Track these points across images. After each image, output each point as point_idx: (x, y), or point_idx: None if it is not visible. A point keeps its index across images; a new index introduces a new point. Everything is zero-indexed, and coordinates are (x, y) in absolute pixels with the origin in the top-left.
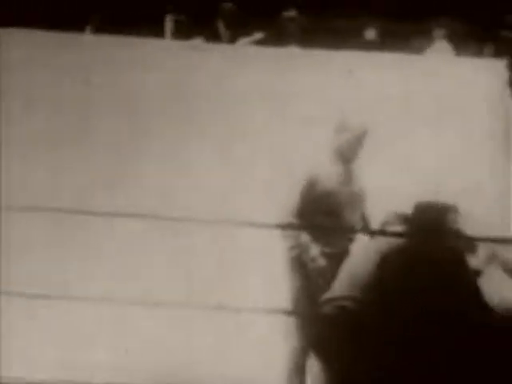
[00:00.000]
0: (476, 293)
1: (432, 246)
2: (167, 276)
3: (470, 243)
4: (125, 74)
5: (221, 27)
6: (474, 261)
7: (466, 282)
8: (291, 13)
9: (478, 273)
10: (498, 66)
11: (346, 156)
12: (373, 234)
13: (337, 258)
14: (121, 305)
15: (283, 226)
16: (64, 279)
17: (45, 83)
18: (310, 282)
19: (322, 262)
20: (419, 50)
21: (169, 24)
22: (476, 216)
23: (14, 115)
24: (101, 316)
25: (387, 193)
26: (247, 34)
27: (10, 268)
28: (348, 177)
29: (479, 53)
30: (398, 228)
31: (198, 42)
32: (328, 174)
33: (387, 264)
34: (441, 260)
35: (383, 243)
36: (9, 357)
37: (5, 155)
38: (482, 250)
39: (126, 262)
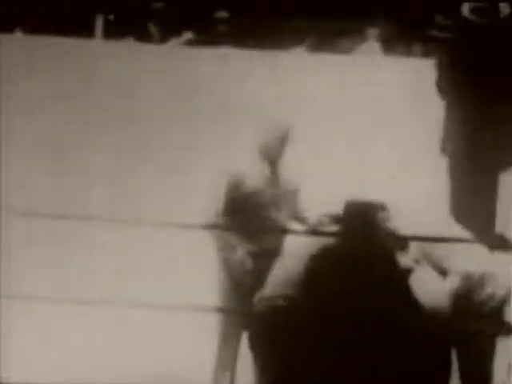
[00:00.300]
0: (406, 291)
1: (363, 244)
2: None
3: (401, 242)
4: (55, 74)
5: (151, 27)
6: (405, 259)
7: (397, 281)
8: (222, 13)
9: (409, 271)
10: (427, 65)
11: (271, 156)
12: (303, 233)
13: (266, 258)
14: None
15: (210, 226)
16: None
17: None
18: (240, 281)
19: (249, 263)
20: (349, 50)
21: (99, 24)
22: (407, 214)
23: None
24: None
25: (318, 193)
26: (178, 34)
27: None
28: (274, 177)
29: (408, 53)
30: (331, 228)
31: (128, 42)
32: (253, 173)
33: (319, 263)
34: (372, 259)
35: (316, 242)
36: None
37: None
38: (414, 249)
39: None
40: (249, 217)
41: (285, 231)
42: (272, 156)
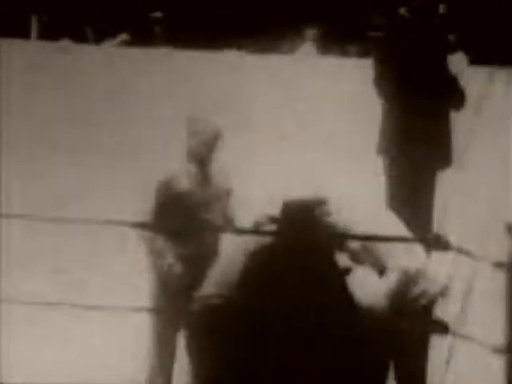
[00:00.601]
0: (343, 290)
1: (300, 243)
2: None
3: (340, 240)
4: None
5: (87, 28)
6: (344, 258)
7: (334, 280)
8: (157, 14)
9: (347, 270)
10: (364, 65)
11: (201, 157)
12: (239, 232)
13: (200, 258)
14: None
15: (140, 226)
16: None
17: None
18: (170, 284)
19: (178, 268)
20: (287, 51)
21: (34, 25)
22: (346, 213)
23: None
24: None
25: (253, 193)
26: (113, 35)
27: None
28: (204, 177)
29: (344, 53)
30: (269, 228)
31: (64, 43)
32: (183, 175)
33: (255, 262)
34: (309, 258)
35: (252, 241)
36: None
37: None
38: (352, 247)
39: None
40: (181, 218)
41: (219, 231)
42: (202, 157)
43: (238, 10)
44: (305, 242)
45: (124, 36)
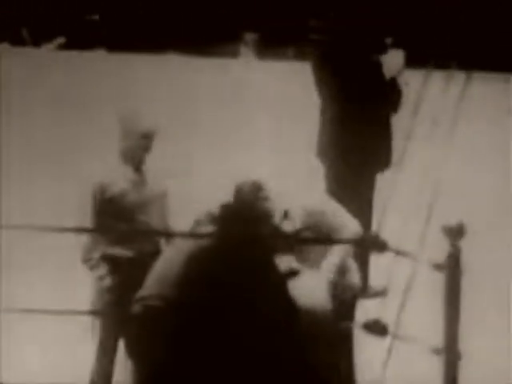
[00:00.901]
0: (284, 294)
1: (242, 245)
2: None
3: (286, 243)
4: None
5: (24, 32)
6: (289, 261)
7: (274, 283)
8: (94, 17)
9: (294, 273)
10: (303, 69)
11: (135, 158)
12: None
13: (141, 261)
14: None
15: (80, 230)
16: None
17: None
18: (107, 290)
19: (108, 281)
20: (226, 54)
21: None
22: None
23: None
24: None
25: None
26: (50, 38)
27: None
28: (139, 180)
29: (284, 56)
30: (209, 228)
31: (2, 46)
32: (119, 178)
33: (196, 263)
34: (250, 259)
35: (193, 242)
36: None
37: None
38: (298, 250)
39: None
40: (118, 221)
41: (157, 234)
42: (136, 158)
43: (176, 14)
44: (246, 244)
45: (61, 39)
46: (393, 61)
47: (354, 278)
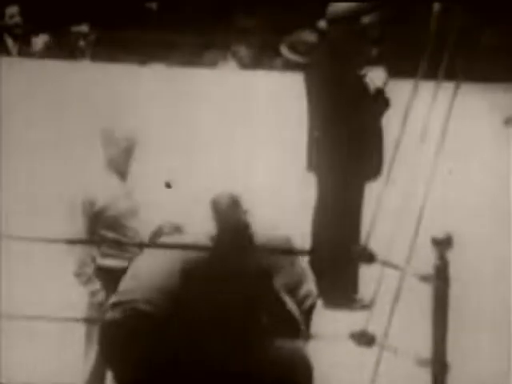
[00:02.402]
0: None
1: (236, 258)
2: None
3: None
4: None
5: (9, 41)
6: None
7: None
8: (82, 27)
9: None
10: (293, 79)
11: (119, 169)
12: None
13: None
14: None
15: (71, 242)
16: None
17: None
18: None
19: (100, 297)
20: (213, 64)
21: None
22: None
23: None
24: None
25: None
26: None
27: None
28: (127, 187)
29: (271, 66)
30: (172, 237)
31: None
32: (104, 188)
33: (186, 270)
34: (239, 269)
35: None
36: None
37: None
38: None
39: None
40: (110, 230)
41: (141, 245)
42: (119, 169)
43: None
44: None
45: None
46: (378, 71)
47: (311, 286)
